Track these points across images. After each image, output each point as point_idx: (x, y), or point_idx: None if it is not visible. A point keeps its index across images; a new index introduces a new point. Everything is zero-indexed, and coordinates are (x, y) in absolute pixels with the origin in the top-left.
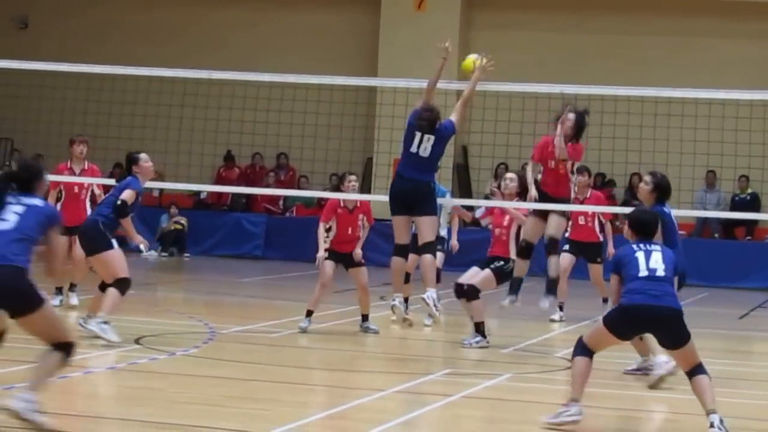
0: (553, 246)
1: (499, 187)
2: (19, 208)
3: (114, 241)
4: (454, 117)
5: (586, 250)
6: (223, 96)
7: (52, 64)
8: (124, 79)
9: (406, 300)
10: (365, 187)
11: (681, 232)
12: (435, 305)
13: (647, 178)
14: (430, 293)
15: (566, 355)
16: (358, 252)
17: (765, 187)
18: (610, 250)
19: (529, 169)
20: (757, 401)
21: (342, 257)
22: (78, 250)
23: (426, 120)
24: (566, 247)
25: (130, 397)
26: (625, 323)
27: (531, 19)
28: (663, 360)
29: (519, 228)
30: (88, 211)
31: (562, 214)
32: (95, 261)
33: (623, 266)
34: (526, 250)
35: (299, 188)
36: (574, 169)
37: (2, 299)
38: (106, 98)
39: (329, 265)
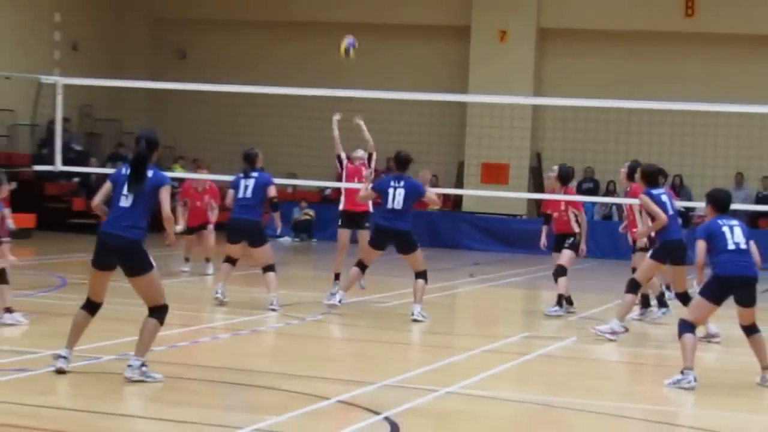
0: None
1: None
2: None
3: None
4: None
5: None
6: (344, 109)
7: (204, 85)
8: (263, 96)
9: None
10: (458, 183)
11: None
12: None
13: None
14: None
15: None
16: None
17: None
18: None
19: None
20: None
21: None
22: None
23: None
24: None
25: (269, 354)
26: (720, 291)
27: (592, 49)
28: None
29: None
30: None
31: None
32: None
33: (712, 239)
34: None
35: None
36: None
37: (122, 260)
38: (249, 112)
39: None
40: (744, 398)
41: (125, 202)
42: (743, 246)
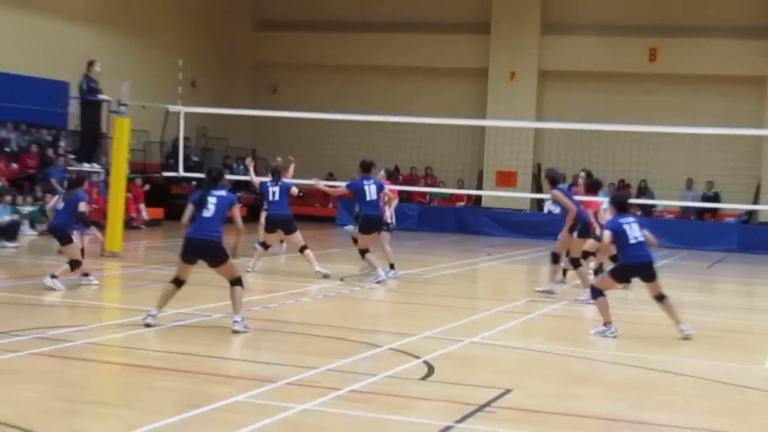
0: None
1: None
2: (213, 200)
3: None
4: None
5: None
6: (394, 131)
7: (290, 113)
8: (335, 121)
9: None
10: (479, 185)
11: (670, 215)
12: None
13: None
14: None
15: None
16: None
17: (723, 189)
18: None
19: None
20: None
21: None
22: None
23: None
24: None
25: (338, 313)
26: (626, 275)
27: (579, 85)
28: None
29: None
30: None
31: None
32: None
33: (617, 234)
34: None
35: (438, 187)
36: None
37: (207, 256)
38: (325, 133)
39: None
40: (659, 342)
41: (207, 213)
42: (641, 238)
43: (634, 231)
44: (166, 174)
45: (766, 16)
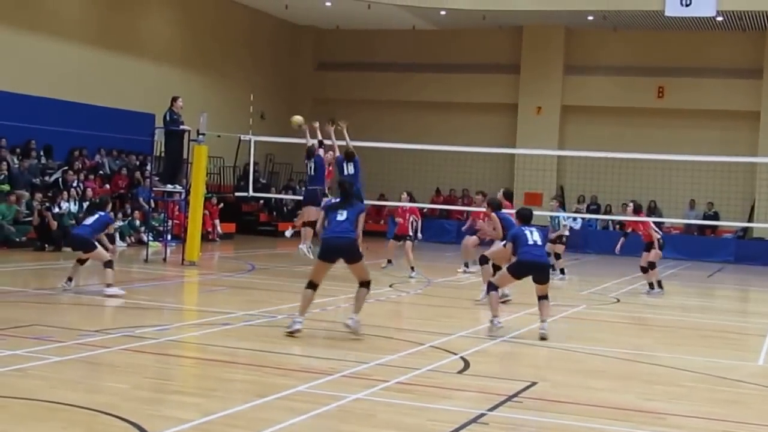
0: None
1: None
2: (347, 208)
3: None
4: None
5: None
6: (436, 158)
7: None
8: (383, 149)
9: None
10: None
11: (675, 231)
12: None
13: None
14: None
15: (619, 295)
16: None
17: (722, 208)
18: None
19: None
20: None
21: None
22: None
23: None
24: None
25: (386, 315)
26: (520, 270)
27: (596, 119)
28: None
29: None
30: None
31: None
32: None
33: (517, 239)
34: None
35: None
36: None
37: (345, 254)
38: (376, 161)
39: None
40: (665, 341)
41: (341, 217)
42: (539, 243)
43: (534, 236)
44: (238, 194)
45: (758, 60)
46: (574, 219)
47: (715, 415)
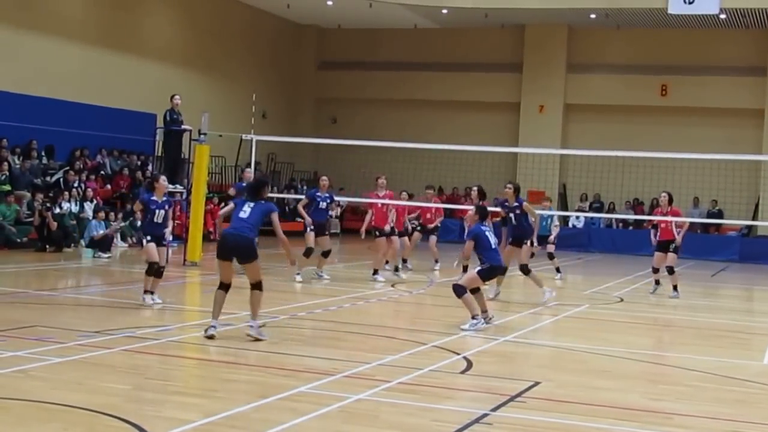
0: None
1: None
2: (252, 206)
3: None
4: None
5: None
6: (439, 156)
7: (347, 141)
8: (383, 148)
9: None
10: None
11: (678, 229)
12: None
13: (509, 185)
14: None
15: (622, 294)
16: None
17: (726, 206)
18: None
19: None
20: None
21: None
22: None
23: None
24: None
25: (389, 315)
26: (491, 275)
27: (599, 117)
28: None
29: None
30: (388, 218)
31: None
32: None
33: (479, 239)
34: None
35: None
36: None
37: (237, 252)
38: (375, 157)
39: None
40: (671, 341)
41: (244, 214)
42: (495, 245)
43: (492, 238)
44: None
45: (761, 58)
46: (577, 217)
47: (722, 415)
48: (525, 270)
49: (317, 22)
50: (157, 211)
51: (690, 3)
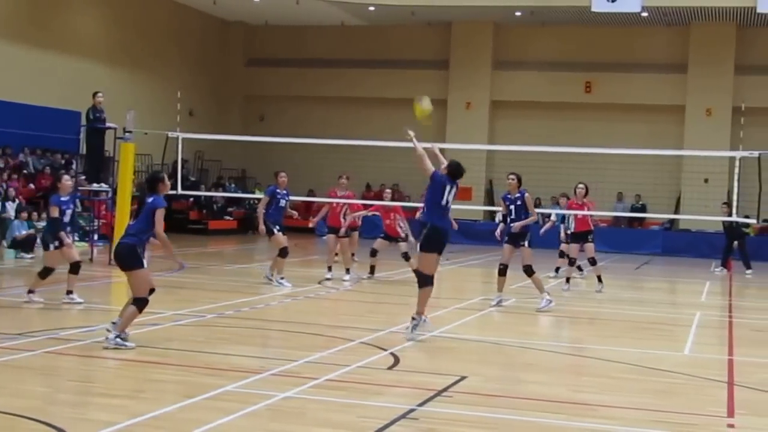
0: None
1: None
2: (144, 207)
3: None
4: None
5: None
6: (366, 153)
7: (274, 138)
8: (309, 145)
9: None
10: None
11: (603, 224)
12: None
13: (513, 176)
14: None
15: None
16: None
17: (649, 201)
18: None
19: None
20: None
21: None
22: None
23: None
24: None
25: (317, 312)
26: (433, 242)
27: (525, 113)
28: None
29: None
30: (342, 220)
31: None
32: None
33: (434, 184)
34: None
35: (403, 201)
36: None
37: (117, 261)
38: (302, 155)
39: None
40: (596, 333)
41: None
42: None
43: (446, 194)
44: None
45: (683, 55)
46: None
47: (644, 405)
48: (528, 271)
49: (244, 19)
50: (66, 210)
51: (613, 1)
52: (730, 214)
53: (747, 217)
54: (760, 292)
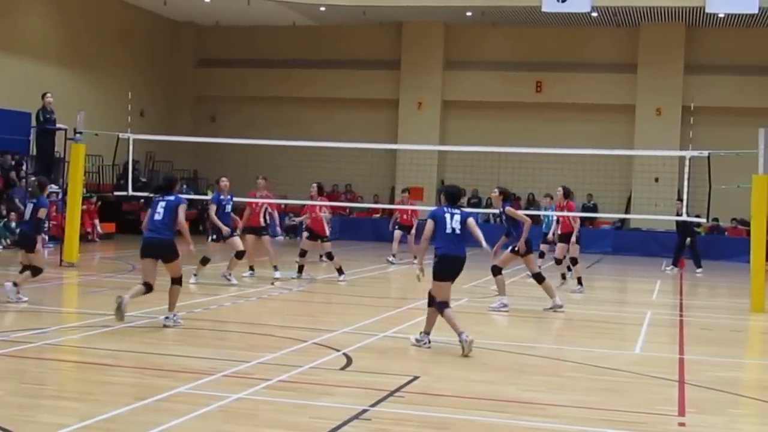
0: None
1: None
2: (163, 204)
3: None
4: None
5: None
6: (318, 154)
7: (224, 139)
8: (261, 146)
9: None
10: (391, 200)
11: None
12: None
13: (495, 190)
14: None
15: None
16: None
17: (600, 200)
18: None
19: None
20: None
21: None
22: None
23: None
24: None
25: (268, 312)
26: (445, 269)
27: (476, 113)
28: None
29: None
30: (261, 221)
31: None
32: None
33: (438, 221)
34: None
35: (356, 202)
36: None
37: (160, 253)
38: (254, 155)
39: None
40: (547, 333)
41: (158, 216)
42: (455, 231)
43: (450, 221)
44: (117, 193)
45: (633, 55)
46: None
47: (592, 404)
48: (538, 278)
49: (195, 20)
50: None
51: (563, 1)
52: (680, 212)
53: (698, 216)
54: (711, 290)
